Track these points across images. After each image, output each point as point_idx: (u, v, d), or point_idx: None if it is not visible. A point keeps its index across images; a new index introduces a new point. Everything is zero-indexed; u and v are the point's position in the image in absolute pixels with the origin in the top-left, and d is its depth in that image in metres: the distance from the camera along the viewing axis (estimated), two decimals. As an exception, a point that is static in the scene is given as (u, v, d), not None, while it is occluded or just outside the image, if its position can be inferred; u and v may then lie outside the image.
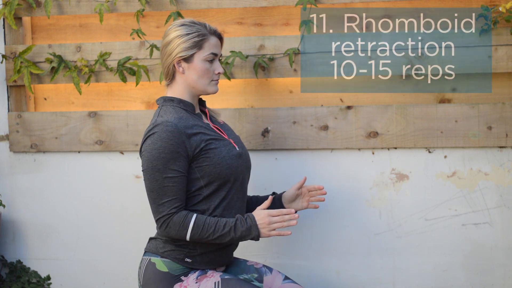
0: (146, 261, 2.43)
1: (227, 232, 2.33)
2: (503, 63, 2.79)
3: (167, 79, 2.47)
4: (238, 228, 2.33)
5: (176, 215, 2.32)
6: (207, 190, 2.38)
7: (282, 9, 3.02)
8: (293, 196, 2.61)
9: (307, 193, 2.62)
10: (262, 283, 2.50)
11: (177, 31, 2.42)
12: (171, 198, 2.32)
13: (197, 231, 2.32)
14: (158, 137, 2.32)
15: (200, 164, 2.36)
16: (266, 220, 2.33)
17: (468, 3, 2.89)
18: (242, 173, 2.46)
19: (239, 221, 2.34)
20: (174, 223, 2.32)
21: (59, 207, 3.15)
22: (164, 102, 2.45)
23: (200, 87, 2.45)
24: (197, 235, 2.33)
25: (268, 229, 2.34)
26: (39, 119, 3.11)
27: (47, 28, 3.19)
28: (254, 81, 3.02)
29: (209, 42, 2.43)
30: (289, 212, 2.34)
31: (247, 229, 2.33)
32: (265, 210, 2.35)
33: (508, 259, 2.84)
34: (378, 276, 2.93)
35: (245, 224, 2.34)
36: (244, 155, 2.49)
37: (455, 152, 2.85)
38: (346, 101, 2.99)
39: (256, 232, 2.34)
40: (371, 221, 2.92)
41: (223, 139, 2.44)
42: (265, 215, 2.34)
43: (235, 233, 2.33)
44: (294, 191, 2.61)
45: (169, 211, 2.32)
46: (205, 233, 2.33)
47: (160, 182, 2.31)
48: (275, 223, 2.34)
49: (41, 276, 3.17)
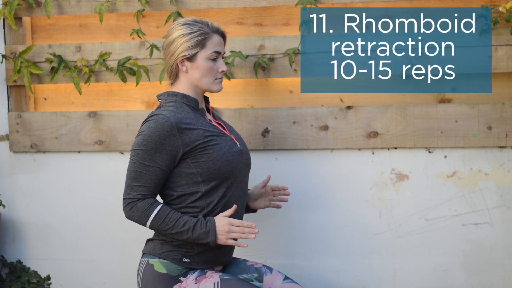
0: (144, 263, 2.43)
1: (185, 230, 2.34)
2: (503, 63, 2.79)
3: (171, 78, 2.47)
4: (196, 229, 2.35)
5: (142, 201, 2.35)
6: (205, 186, 2.39)
7: (282, 9, 3.02)
8: (258, 195, 2.66)
9: (270, 192, 2.67)
10: (262, 283, 2.50)
11: (179, 30, 2.42)
12: (141, 184, 2.35)
13: (157, 221, 2.35)
14: (147, 125, 2.35)
15: (196, 160, 2.37)
16: (226, 228, 2.35)
17: (468, 3, 2.89)
18: (242, 170, 2.46)
19: (199, 223, 2.36)
20: (137, 208, 2.35)
21: (59, 207, 3.15)
22: (168, 97, 2.45)
23: (204, 85, 2.46)
24: (157, 226, 2.35)
25: (225, 237, 2.36)
26: (39, 119, 3.11)
27: (47, 28, 3.19)
28: (254, 81, 3.02)
29: (212, 40, 2.43)
30: (250, 226, 2.36)
31: (205, 232, 2.35)
32: (226, 218, 2.36)
33: (508, 259, 2.84)
34: (378, 276, 2.93)
35: (204, 227, 2.35)
36: (245, 152, 2.49)
37: (455, 152, 2.85)
38: (346, 101, 2.99)
39: (213, 237, 2.35)
40: (371, 221, 2.92)
41: (225, 135, 2.44)
42: (226, 222, 2.35)
43: (193, 233, 2.35)
44: (259, 190, 2.65)
45: (135, 195, 2.35)
46: (165, 226, 2.35)
47: (136, 166, 2.35)
48: (234, 233, 2.36)
49: (41, 276, 3.17)
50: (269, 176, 2.64)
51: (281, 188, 2.66)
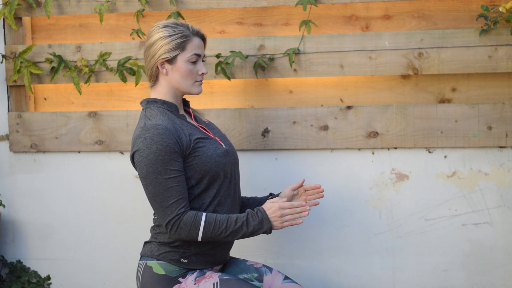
0: (142, 266, 2.43)
1: (239, 227, 2.33)
2: (503, 63, 2.79)
3: (151, 80, 2.47)
4: (250, 222, 2.33)
5: (185, 215, 2.31)
6: (197, 188, 2.39)
7: (282, 9, 3.02)
8: (289, 197, 2.61)
9: (303, 193, 2.60)
10: (262, 282, 2.50)
11: (159, 32, 2.42)
12: (177, 199, 2.31)
13: (209, 228, 2.32)
14: (151, 141, 2.31)
15: (190, 163, 2.37)
16: (278, 213, 2.34)
17: (468, 3, 2.89)
18: (230, 169, 2.47)
19: (250, 215, 2.34)
20: (185, 224, 2.31)
21: (59, 207, 3.15)
22: (148, 104, 2.44)
23: (184, 88, 2.45)
24: (209, 233, 2.32)
25: (280, 222, 2.35)
26: (39, 119, 3.11)
27: (47, 28, 3.19)
28: (254, 81, 3.02)
29: (192, 43, 2.43)
30: (300, 205, 2.35)
31: (259, 222, 2.33)
32: (276, 203, 2.35)
33: (508, 259, 2.84)
34: (378, 276, 2.94)
35: (257, 218, 2.33)
36: (231, 152, 2.50)
37: (455, 152, 2.86)
38: (346, 101, 2.99)
39: (268, 225, 2.34)
40: (371, 221, 2.92)
41: (209, 138, 2.45)
42: (276, 208, 2.34)
43: (248, 228, 2.33)
44: (290, 191, 2.60)
45: (177, 211, 2.31)
46: (217, 230, 2.32)
47: (164, 184, 2.30)
48: (287, 216, 2.35)
49: (41, 276, 3.17)
50: (303, 180, 2.58)
51: (314, 187, 2.58)
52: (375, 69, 2.87)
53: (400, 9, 2.94)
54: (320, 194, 2.59)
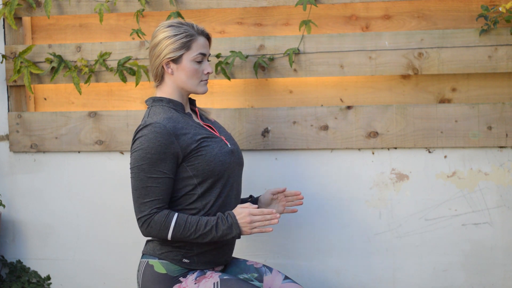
0: (144, 264, 2.43)
1: (209, 231, 2.33)
2: (503, 63, 2.79)
3: (156, 80, 2.47)
4: (219, 226, 2.33)
5: (157, 214, 2.33)
6: (201, 188, 2.39)
7: (282, 9, 3.02)
8: (269, 200, 2.62)
9: (283, 198, 2.62)
10: (262, 282, 2.50)
11: (164, 32, 2.42)
12: (153, 199, 2.32)
13: (179, 230, 2.33)
14: (146, 138, 2.33)
15: (192, 163, 2.37)
16: (247, 219, 2.33)
17: (468, 3, 2.89)
18: (234, 170, 2.47)
19: (220, 220, 2.34)
20: (155, 223, 2.32)
21: (59, 207, 3.15)
22: (154, 102, 2.45)
23: (190, 87, 2.46)
24: (179, 234, 2.33)
25: (249, 228, 2.34)
26: (39, 119, 3.11)
27: (47, 28, 3.19)
28: (254, 81, 3.02)
29: (197, 42, 2.43)
30: (270, 212, 2.34)
31: (228, 227, 2.33)
32: (246, 208, 2.35)
33: (508, 259, 2.84)
34: (378, 276, 2.93)
35: (226, 223, 2.34)
36: (236, 151, 2.49)
37: (455, 152, 2.86)
38: (346, 101, 2.99)
39: (237, 230, 2.34)
40: (371, 221, 2.92)
41: (215, 137, 2.45)
42: (246, 213, 2.34)
43: (217, 232, 2.33)
44: (270, 196, 2.61)
45: (150, 211, 2.32)
46: (187, 232, 2.33)
47: (144, 182, 2.32)
48: (256, 222, 2.34)
49: (41, 276, 3.17)
50: (285, 188, 2.60)
51: (294, 193, 2.61)
52: (375, 69, 2.87)
53: (400, 9, 2.94)
54: (299, 201, 2.62)
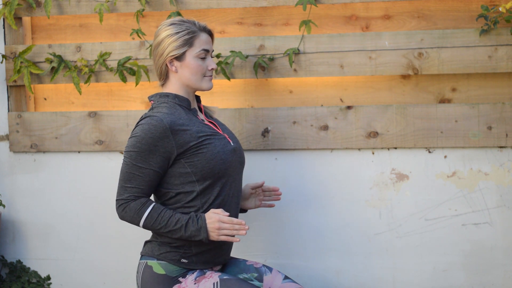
0: (143, 265, 2.43)
1: (178, 228, 2.35)
2: (503, 63, 2.79)
3: (161, 79, 2.49)
4: (189, 227, 2.35)
5: (134, 201, 2.36)
6: (200, 186, 2.39)
7: (282, 9, 3.02)
8: (247, 195, 2.66)
9: (261, 193, 2.67)
10: (262, 282, 2.51)
11: (167, 30, 2.43)
12: (134, 186, 2.36)
13: (150, 221, 2.36)
14: (142, 127, 2.36)
15: (191, 160, 2.37)
16: (216, 225, 2.34)
17: (468, 3, 2.89)
18: (236, 169, 2.47)
19: (190, 220, 2.36)
20: (130, 209, 2.36)
21: (59, 207, 3.15)
22: (160, 98, 2.46)
23: (194, 84, 2.46)
24: (150, 225, 2.36)
25: (217, 234, 2.35)
26: (39, 119, 3.11)
27: (47, 28, 3.19)
28: (254, 81, 3.02)
29: (200, 38, 2.44)
30: (239, 223, 2.35)
31: (197, 230, 2.35)
32: (217, 214, 2.35)
33: (508, 259, 2.84)
34: (378, 276, 2.93)
35: (196, 225, 2.35)
36: (238, 150, 2.50)
37: (455, 152, 2.85)
38: (346, 101, 2.99)
39: (205, 234, 2.35)
40: (371, 221, 2.92)
41: (218, 134, 2.45)
42: (216, 219, 2.35)
43: (185, 232, 2.35)
44: (249, 190, 2.66)
45: (128, 196, 2.36)
46: (158, 225, 2.36)
47: (130, 167, 2.36)
48: (224, 230, 2.35)
49: (41, 276, 3.17)
50: (263, 182, 2.65)
51: (272, 189, 2.67)
52: (375, 69, 2.87)
53: (400, 9, 2.94)
54: (277, 197, 2.68)
